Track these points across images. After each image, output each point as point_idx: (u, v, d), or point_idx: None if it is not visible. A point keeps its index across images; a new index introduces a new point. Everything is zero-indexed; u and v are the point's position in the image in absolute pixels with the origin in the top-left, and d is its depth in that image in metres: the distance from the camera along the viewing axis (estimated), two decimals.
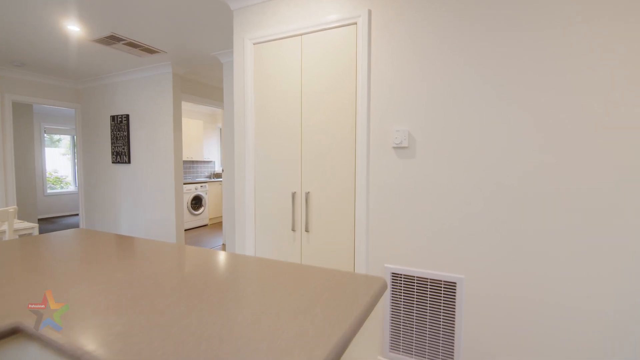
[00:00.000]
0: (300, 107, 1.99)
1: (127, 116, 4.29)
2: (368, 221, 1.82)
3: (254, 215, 2.18)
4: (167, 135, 4.00)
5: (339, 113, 1.87)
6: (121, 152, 4.39)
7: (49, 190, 7.62)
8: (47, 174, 7.70)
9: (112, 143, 4.50)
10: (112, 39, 3.04)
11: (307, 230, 1.98)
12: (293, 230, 2.03)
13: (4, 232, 2.40)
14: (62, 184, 8.05)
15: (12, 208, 2.36)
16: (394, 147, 1.76)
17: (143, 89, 4.19)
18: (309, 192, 1.97)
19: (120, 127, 4.37)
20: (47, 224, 6.74)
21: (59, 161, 7.94)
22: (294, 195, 2.02)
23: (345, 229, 1.88)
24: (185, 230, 5.87)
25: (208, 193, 6.29)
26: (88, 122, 4.83)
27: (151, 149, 4.14)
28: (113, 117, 4.45)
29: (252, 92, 2.15)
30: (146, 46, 3.26)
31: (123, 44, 3.16)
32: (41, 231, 5.32)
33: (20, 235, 2.57)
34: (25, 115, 5.08)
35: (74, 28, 2.81)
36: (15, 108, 4.95)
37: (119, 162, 4.43)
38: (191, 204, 6.00)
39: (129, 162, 4.33)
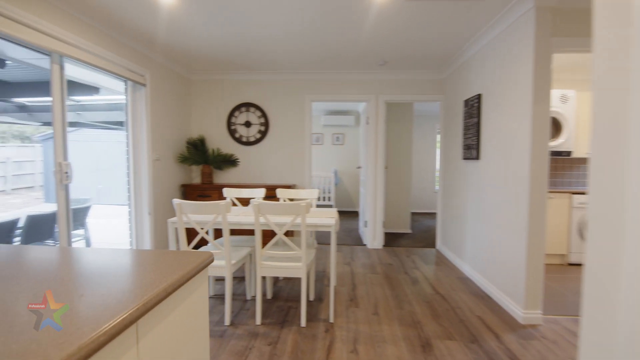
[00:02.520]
0: None
1: (479, 97, 3.23)
2: None
3: None
4: (523, 113, 2.51)
5: None
6: (470, 145, 3.41)
7: (437, 187, 8.14)
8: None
9: (463, 134, 3.64)
10: None
11: None
12: None
13: (298, 225, 2.29)
14: None
15: (305, 202, 2.17)
16: None
17: (495, 50, 2.94)
18: None
19: (471, 112, 3.39)
20: (430, 218, 7.14)
21: None
22: None
23: None
24: (569, 264, 3.84)
25: None
26: (447, 114, 4.29)
27: (503, 138, 2.83)
28: (465, 102, 3.55)
29: None
30: None
31: None
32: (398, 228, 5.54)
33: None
34: (407, 113, 5.46)
35: None
36: (400, 106, 5.40)
37: (468, 158, 3.49)
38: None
39: (478, 157, 3.26)
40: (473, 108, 3.33)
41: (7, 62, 2.86)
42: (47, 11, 2.39)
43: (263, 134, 4.61)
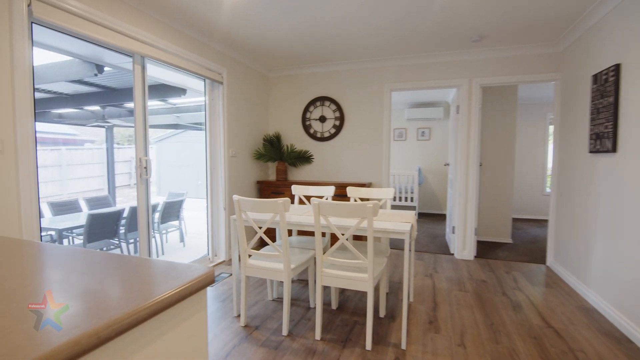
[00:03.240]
0: None
1: (616, 69, 2.39)
2: None
3: None
4: None
5: None
6: (602, 134, 2.57)
7: (548, 190, 6.79)
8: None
9: (590, 120, 2.78)
10: None
11: None
12: None
13: (364, 229, 1.94)
14: None
15: (372, 203, 1.82)
16: None
17: None
18: None
19: (604, 90, 2.55)
20: (537, 225, 5.97)
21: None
22: None
23: None
24: None
25: None
26: (566, 96, 3.38)
27: None
28: (595, 78, 2.70)
29: None
30: None
31: None
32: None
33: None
34: (509, 99, 4.57)
35: None
36: (498, 91, 4.57)
37: (597, 151, 2.64)
38: None
39: (614, 149, 2.42)
40: (607, 84, 2.49)
41: (105, 67, 3.17)
42: (128, 13, 2.51)
43: (338, 128, 4.35)
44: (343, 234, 1.97)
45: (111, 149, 7.71)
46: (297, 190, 3.13)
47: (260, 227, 2.14)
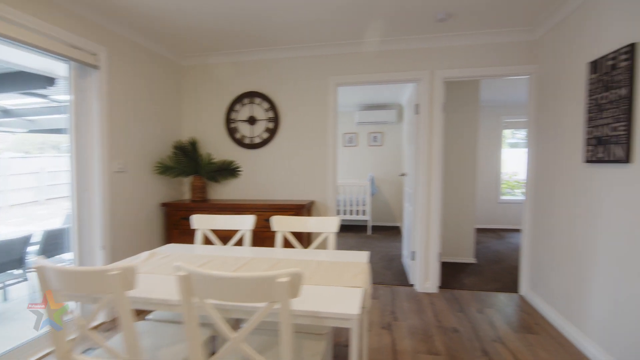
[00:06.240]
0: None
1: (631, 49, 1.75)
2: None
3: None
4: None
5: None
6: (607, 138, 1.93)
7: (502, 197, 6.47)
8: (506, 177, 6.59)
9: (587, 121, 2.15)
10: None
11: None
12: None
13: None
14: (517, 190, 6.64)
15: (287, 275, 0.91)
16: None
17: None
18: None
19: (611, 80, 1.91)
20: (495, 237, 5.52)
21: (518, 161, 6.55)
22: None
23: None
24: None
25: None
26: (545, 92, 2.79)
27: None
28: (593, 65, 2.07)
29: None
30: None
31: None
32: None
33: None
34: (470, 98, 3.98)
35: None
36: (458, 88, 3.95)
37: (600, 161, 2.00)
38: None
39: (627, 159, 1.78)
40: (616, 72, 1.86)
41: None
42: None
43: (272, 132, 3.42)
44: (241, 322, 1.04)
45: None
46: (198, 221, 2.13)
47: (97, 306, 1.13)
